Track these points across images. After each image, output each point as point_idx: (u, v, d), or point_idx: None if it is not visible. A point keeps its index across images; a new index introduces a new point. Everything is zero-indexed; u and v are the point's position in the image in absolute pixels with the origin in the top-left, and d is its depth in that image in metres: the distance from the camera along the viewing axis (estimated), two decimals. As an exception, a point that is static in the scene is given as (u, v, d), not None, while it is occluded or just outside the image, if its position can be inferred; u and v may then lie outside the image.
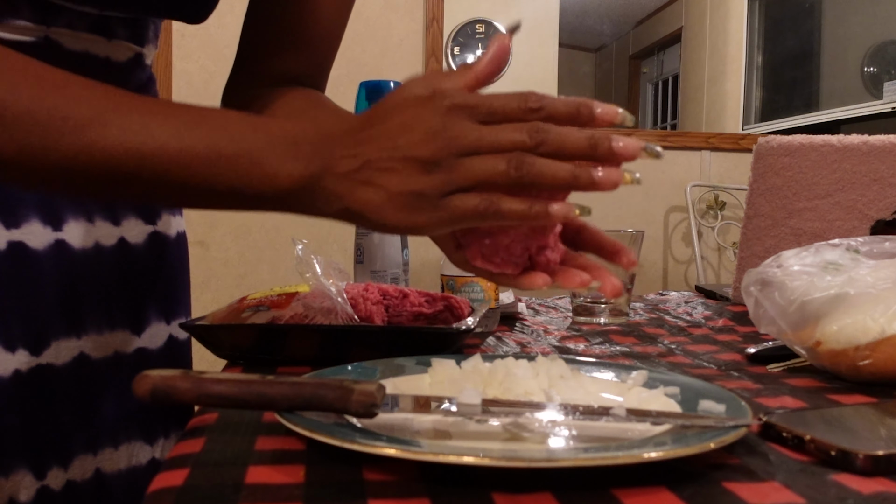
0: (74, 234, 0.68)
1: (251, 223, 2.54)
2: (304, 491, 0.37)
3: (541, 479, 0.38)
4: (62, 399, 0.67)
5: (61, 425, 0.67)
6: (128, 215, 0.74)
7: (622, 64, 5.90)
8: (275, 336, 0.66)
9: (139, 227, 0.75)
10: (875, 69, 2.87)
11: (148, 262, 0.76)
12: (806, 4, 3.28)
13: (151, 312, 0.76)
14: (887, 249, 0.67)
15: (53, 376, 0.66)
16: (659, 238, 2.82)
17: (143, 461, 0.73)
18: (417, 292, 0.74)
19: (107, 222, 0.72)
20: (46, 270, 0.66)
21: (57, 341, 0.66)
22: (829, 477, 0.39)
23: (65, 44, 0.65)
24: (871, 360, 0.59)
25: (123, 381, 0.70)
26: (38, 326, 0.65)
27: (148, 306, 0.76)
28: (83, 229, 0.69)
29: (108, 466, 0.70)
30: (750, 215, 1.10)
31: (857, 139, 1.06)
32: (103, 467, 0.70)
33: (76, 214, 0.69)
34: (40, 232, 0.66)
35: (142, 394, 0.44)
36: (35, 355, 0.65)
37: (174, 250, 0.80)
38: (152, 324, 0.76)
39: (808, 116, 3.08)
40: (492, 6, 2.94)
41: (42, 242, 0.66)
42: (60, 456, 0.67)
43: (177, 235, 0.81)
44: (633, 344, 0.80)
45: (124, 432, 0.72)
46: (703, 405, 0.48)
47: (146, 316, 0.75)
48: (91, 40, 0.67)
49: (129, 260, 0.74)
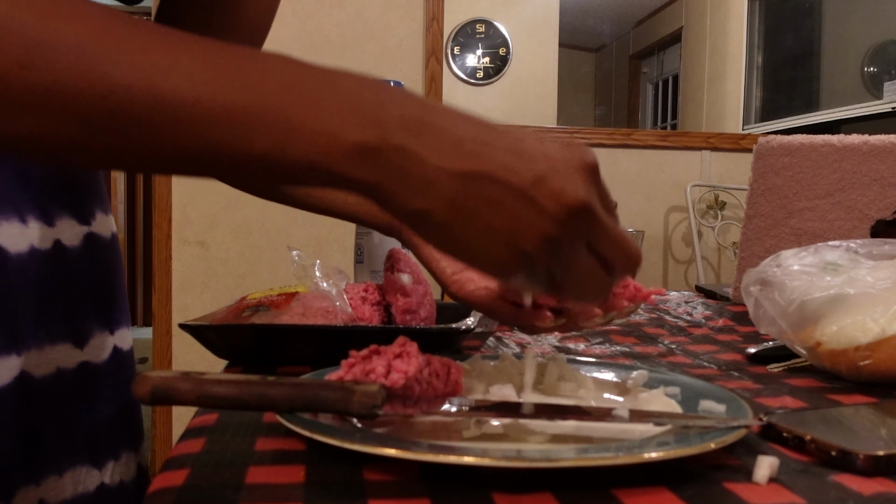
0: (8, 237, 0.61)
1: (251, 223, 2.54)
2: (304, 491, 0.37)
3: (541, 479, 0.38)
4: (2, 426, 0.59)
5: (2, 456, 0.59)
6: (62, 215, 0.67)
7: (622, 64, 5.90)
8: (275, 336, 0.66)
9: (74, 229, 0.68)
10: (875, 69, 2.87)
11: (84, 266, 0.69)
12: (806, 4, 3.28)
13: (93, 322, 0.69)
14: (887, 252, 0.67)
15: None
16: (659, 238, 2.82)
17: (91, 488, 0.66)
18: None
19: (40, 223, 0.64)
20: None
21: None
22: (830, 477, 0.39)
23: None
24: (871, 360, 0.59)
25: (66, 400, 0.64)
26: None
27: (88, 316, 0.69)
28: (17, 231, 0.62)
29: (53, 496, 0.63)
30: (750, 215, 1.10)
31: (857, 139, 1.06)
32: (47, 498, 0.63)
33: (8, 215, 0.61)
34: None
35: (141, 395, 0.44)
36: None
37: (109, 253, 0.73)
38: (95, 335, 0.69)
39: (809, 116, 3.09)
40: (492, 6, 2.95)
41: None
42: (1, 490, 0.59)
43: (111, 237, 0.74)
44: (634, 344, 0.80)
45: (69, 457, 0.65)
46: (704, 405, 0.48)
47: (88, 327, 0.68)
48: None
49: (65, 265, 0.67)
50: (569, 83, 4.72)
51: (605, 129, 2.84)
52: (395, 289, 0.71)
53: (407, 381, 0.44)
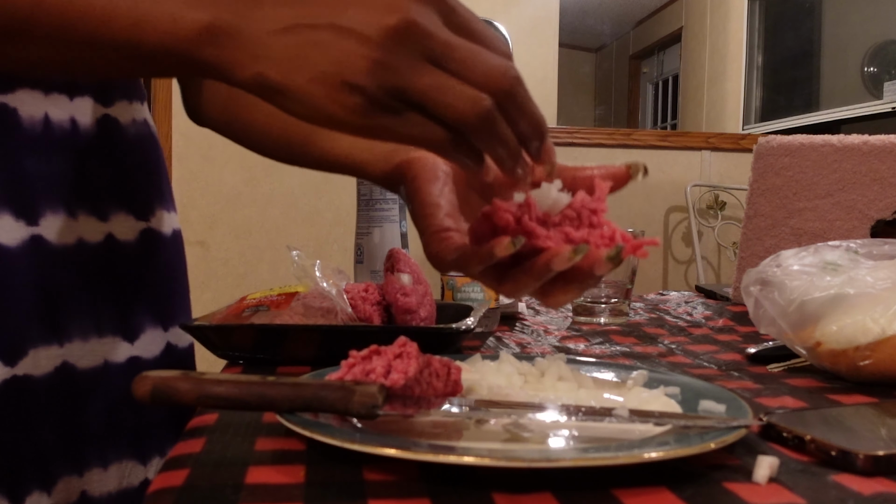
0: (53, 229, 0.62)
1: (251, 223, 2.54)
2: (304, 491, 0.37)
3: (541, 479, 0.38)
4: (43, 414, 0.61)
5: (42, 444, 0.60)
6: (116, 210, 0.68)
7: (622, 64, 5.90)
8: (275, 336, 0.66)
9: (129, 223, 0.69)
10: (875, 69, 2.87)
11: (139, 261, 0.70)
12: (806, 4, 3.29)
13: (145, 318, 0.70)
14: (887, 252, 0.67)
15: (32, 389, 0.60)
16: (659, 238, 2.82)
17: (136, 483, 0.67)
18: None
19: (92, 217, 0.66)
20: (20, 270, 0.60)
21: (35, 349, 0.60)
22: (830, 477, 0.39)
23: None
24: (871, 360, 0.59)
25: (114, 393, 0.65)
26: (11, 333, 0.59)
27: (141, 311, 0.70)
28: (63, 224, 0.63)
29: (96, 489, 0.64)
30: (750, 215, 1.10)
31: (857, 139, 1.06)
32: (90, 490, 0.63)
33: (55, 207, 0.63)
34: (11, 227, 0.60)
35: (141, 395, 0.44)
36: (9, 366, 0.58)
37: (169, 250, 0.75)
38: (147, 330, 0.70)
39: (809, 116, 3.09)
40: (492, 6, 2.95)
41: (14, 238, 0.60)
42: (42, 478, 0.60)
43: (172, 233, 0.76)
44: (634, 344, 0.80)
45: (114, 451, 0.66)
46: (704, 405, 0.48)
47: (139, 321, 0.70)
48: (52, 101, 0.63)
49: (118, 259, 0.68)
50: (569, 83, 4.72)
51: (605, 129, 2.84)
52: (395, 289, 0.71)
53: (407, 381, 0.44)
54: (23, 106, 0.62)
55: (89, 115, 0.68)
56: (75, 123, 0.66)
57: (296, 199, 2.54)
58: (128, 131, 0.72)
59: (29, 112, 0.63)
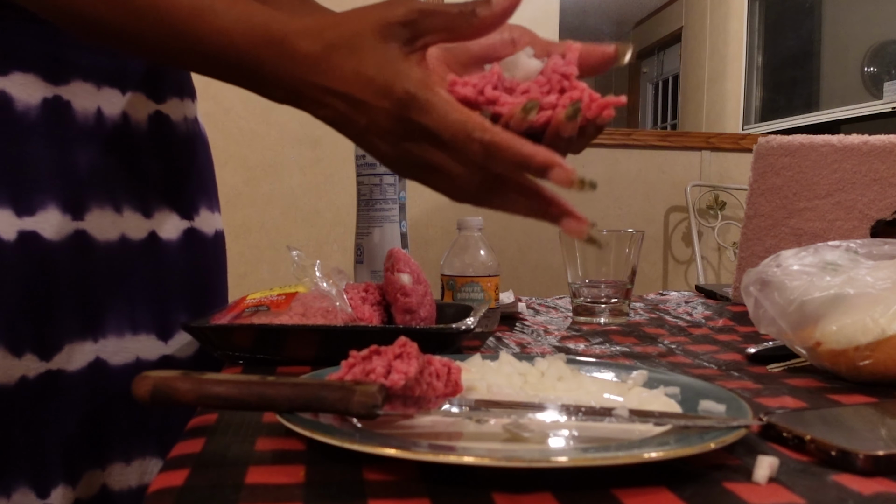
0: (98, 224, 0.63)
1: (251, 223, 2.54)
2: (304, 491, 0.37)
3: (541, 479, 0.38)
4: (73, 409, 0.61)
5: (69, 438, 0.61)
6: (161, 207, 0.68)
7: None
8: (274, 336, 0.66)
9: (173, 221, 0.69)
10: (875, 69, 2.87)
11: (181, 261, 0.70)
12: (806, 4, 3.28)
13: (181, 317, 0.70)
14: (887, 252, 0.67)
15: (64, 384, 0.60)
16: (659, 238, 2.82)
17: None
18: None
19: (137, 213, 0.66)
20: (63, 265, 0.61)
21: (70, 344, 0.61)
22: (830, 477, 0.39)
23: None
24: (871, 360, 0.59)
25: None
26: (48, 327, 0.60)
27: (177, 311, 0.70)
28: (109, 219, 0.64)
29: (116, 483, 0.65)
30: (750, 215, 1.10)
31: (857, 139, 1.06)
32: (111, 484, 0.64)
33: (102, 202, 0.63)
34: (58, 221, 0.60)
35: (141, 395, 0.44)
36: (44, 360, 0.59)
37: (211, 250, 0.75)
38: (181, 331, 0.70)
39: (808, 116, 3.09)
40: (492, 6, 2.94)
41: (59, 233, 0.60)
42: (68, 472, 0.61)
43: (214, 234, 0.75)
44: (634, 344, 0.80)
45: (138, 447, 0.66)
46: (704, 405, 0.48)
47: (174, 321, 0.70)
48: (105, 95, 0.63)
49: (160, 257, 0.68)
50: (569, 83, 4.70)
51: (605, 129, 2.84)
52: (395, 289, 0.71)
53: (407, 381, 0.44)
54: (76, 99, 0.63)
55: (141, 110, 0.68)
56: (127, 118, 0.67)
57: (296, 199, 2.54)
58: (178, 128, 0.72)
59: (82, 105, 0.63)
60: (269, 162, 2.46)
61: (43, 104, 0.61)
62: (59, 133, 0.62)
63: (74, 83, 0.63)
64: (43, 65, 0.61)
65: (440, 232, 2.59)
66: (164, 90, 0.71)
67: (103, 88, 0.65)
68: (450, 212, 2.57)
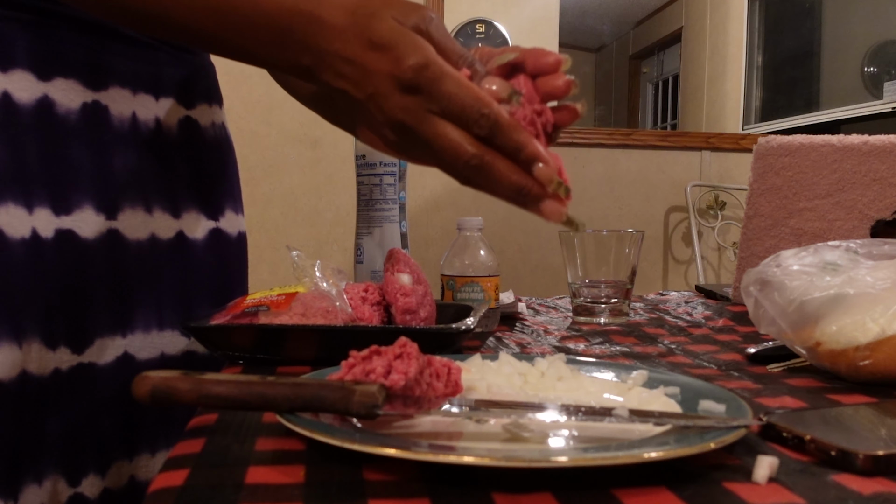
0: (130, 224, 0.65)
1: (251, 223, 2.54)
2: (304, 491, 0.37)
3: (541, 479, 0.38)
4: (103, 401, 0.64)
5: (101, 430, 0.64)
6: (189, 208, 0.71)
7: (622, 64, 5.89)
8: (275, 336, 0.66)
9: (200, 222, 0.72)
10: (875, 69, 2.87)
11: (206, 260, 0.73)
12: (806, 4, 3.29)
13: (205, 314, 0.71)
14: (887, 252, 0.67)
15: (95, 377, 0.63)
16: (659, 238, 2.82)
17: None
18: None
19: (166, 213, 0.69)
20: (96, 262, 0.63)
21: (101, 339, 0.63)
22: (830, 477, 0.39)
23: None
24: (871, 360, 0.59)
25: None
26: (82, 322, 0.62)
27: (201, 307, 0.72)
28: (140, 219, 0.66)
29: (143, 474, 0.67)
30: (750, 215, 1.10)
31: (857, 139, 1.06)
32: (137, 474, 0.67)
33: (134, 203, 0.66)
34: (93, 220, 0.63)
35: (141, 395, 0.44)
36: (77, 353, 0.62)
37: (234, 251, 0.77)
38: None
39: (808, 116, 3.09)
40: (492, 6, 2.94)
41: (94, 231, 0.63)
42: (98, 462, 0.63)
43: (238, 235, 0.78)
44: (634, 344, 0.80)
45: (164, 439, 0.69)
46: (704, 405, 0.48)
47: (198, 318, 0.70)
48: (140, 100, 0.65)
49: (186, 256, 0.70)
50: (569, 83, 4.70)
51: (605, 129, 2.84)
52: (395, 289, 0.71)
53: (407, 381, 0.44)
54: (113, 104, 0.66)
55: (173, 115, 0.72)
56: (159, 123, 0.70)
57: (296, 199, 2.54)
58: (207, 133, 0.74)
59: (119, 110, 0.66)
60: (269, 162, 2.46)
61: (82, 108, 0.64)
62: (96, 136, 0.65)
63: (112, 89, 0.66)
64: (84, 71, 0.64)
65: (440, 232, 2.59)
66: (194, 96, 0.74)
67: (139, 94, 0.68)
68: (450, 212, 2.57)
